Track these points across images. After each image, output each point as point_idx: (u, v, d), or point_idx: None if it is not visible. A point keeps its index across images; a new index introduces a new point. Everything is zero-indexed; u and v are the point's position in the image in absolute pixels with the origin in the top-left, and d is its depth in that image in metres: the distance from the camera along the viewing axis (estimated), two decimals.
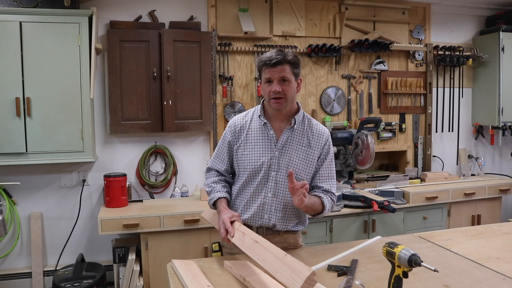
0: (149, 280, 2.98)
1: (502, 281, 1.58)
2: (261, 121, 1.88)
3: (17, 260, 3.29)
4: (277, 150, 1.86)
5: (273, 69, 1.77)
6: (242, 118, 1.95)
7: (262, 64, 1.81)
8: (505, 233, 2.18)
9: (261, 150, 1.86)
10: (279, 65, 1.76)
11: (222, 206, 1.86)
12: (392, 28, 4.03)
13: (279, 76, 1.77)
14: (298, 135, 1.88)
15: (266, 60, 1.78)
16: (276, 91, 1.77)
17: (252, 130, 1.90)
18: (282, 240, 1.94)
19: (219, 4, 3.54)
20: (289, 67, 1.78)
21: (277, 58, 1.75)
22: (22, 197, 3.27)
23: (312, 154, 1.89)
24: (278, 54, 1.77)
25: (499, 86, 4.13)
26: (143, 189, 3.50)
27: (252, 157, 1.87)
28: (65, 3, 2.99)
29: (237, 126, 1.93)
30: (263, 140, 1.87)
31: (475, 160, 4.37)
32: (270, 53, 1.79)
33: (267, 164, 1.85)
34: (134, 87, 3.27)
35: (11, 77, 2.89)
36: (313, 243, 3.11)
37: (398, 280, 1.34)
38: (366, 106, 4.05)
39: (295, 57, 1.80)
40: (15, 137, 2.92)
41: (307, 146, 1.88)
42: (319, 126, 1.95)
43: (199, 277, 1.60)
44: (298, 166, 1.86)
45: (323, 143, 1.91)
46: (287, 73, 1.78)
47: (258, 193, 1.87)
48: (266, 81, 1.81)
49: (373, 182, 3.85)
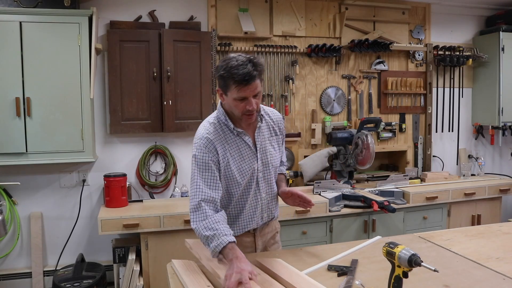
0: (149, 280, 2.98)
1: (502, 281, 1.58)
2: (234, 132, 1.77)
3: (17, 260, 3.29)
4: (259, 152, 1.82)
5: (247, 87, 1.61)
6: (214, 133, 1.74)
7: (233, 82, 1.61)
8: (505, 233, 2.18)
9: (247, 159, 1.79)
10: (252, 81, 1.61)
11: (239, 252, 1.56)
12: (392, 28, 4.03)
13: (254, 93, 1.65)
14: (265, 129, 1.88)
15: (238, 79, 1.59)
16: (253, 109, 1.67)
17: (230, 143, 1.76)
18: (271, 229, 2.01)
19: (219, 4, 3.54)
20: (259, 79, 1.65)
21: (254, 76, 1.60)
22: (22, 197, 3.27)
23: (279, 139, 1.95)
24: (251, 67, 1.60)
25: (499, 86, 4.13)
26: (143, 189, 3.50)
27: (243, 169, 1.77)
28: (65, 3, 2.99)
29: (213, 142, 1.73)
30: (244, 148, 1.79)
31: (475, 160, 4.37)
32: (241, 68, 1.59)
33: (256, 170, 1.81)
34: (134, 87, 3.27)
35: (11, 77, 2.89)
36: (313, 243, 3.11)
37: (398, 280, 1.34)
38: (366, 106, 4.05)
39: (262, 66, 1.66)
40: (15, 137, 2.92)
41: (275, 135, 1.91)
42: (273, 111, 1.96)
43: (199, 277, 1.60)
44: (276, 156, 1.91)
45: (281, 125, 1.95)
46: (259, 86, 1.66)
47: (255, 200, 1.85)
48: (239, 98, 1.65)
49: (373, 182, 3.85)
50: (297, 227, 3.16)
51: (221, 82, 1.69)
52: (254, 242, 1.93)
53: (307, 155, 3.80)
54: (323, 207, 3.18)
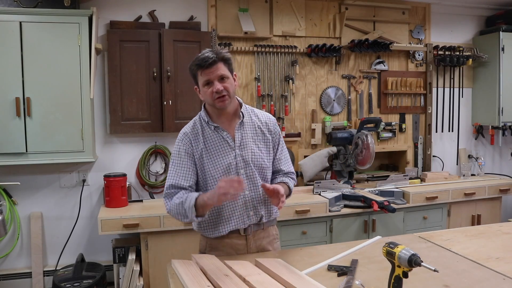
0: (149, 280, 2.99)
1: (502, 281, 1.58)
2: (210, 126, 1.85)
3: (17, 260, 3.29)
4: (237, 148, 1.85)
5: (209, 70, 1.75)
6: (191, 128, 1.87)
7: (197, 67, 1.77)
8: (505, 233, 2.18)
9: (223, 153, 1.84)
10: (214, 64, 1.74)
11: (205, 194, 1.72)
12: (392, 28, 4.04)
13: (218, 75, 1.76)
14: (249, 127, 1.90)
15: (200, 63, 1.74)
16: (219, 90, 1.75)
17: (206, 137, 1.85)
18: (266, 234, 1.97)
19: (219, 4, 3.54)
20: (223, 64, 1.77)
21: (212, 58, 1.73)
22: (22, 197, 3.27)
23: (268, 140, 1.94)
24: (211, 53, 1.75)
25: (499, 86, 4.13)
26: (143, 189, 3.50)
27: (217, 163, 1.83)
28: (65, 3, 2.99)
29: (189, 136, 1.85)
30: (220, 143, 1.85)
31: (475, 160, 4.37)
32: (202, 55, 1.76)
33: (233, 164, 1.84)
34: (134, 87, 3.27)
35: (11, 77, 2.89)
36: (313, 243, 3.11)
37: (398, 280, 1.34)
38: (366, 106, 4.05)
39: (227, 53, 1.80)
40: (15, 137, 2.92)
41: (262, 134, 1.93)
42: (263, 113, 2.00)
43: (199, 277, 1.60)
44: (261, 155, 1.90)
45: (272, 127, 1.96)
46: (224, 70, 1.78)
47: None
48: (205, 83, 1.78)
49: (373, 182, 3.85)
50: (297, 227, 3.16)
51: (192, 77, 1.84)
52: (246, 245, 1.91)
53: (307, 155, 3.80)
54: (323, 207, 3.18)
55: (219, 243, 1.89)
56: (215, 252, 1.89)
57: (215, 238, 1.89)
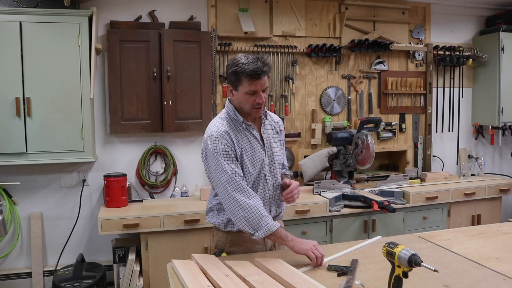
0: (149, 280, 2.99)
1: (502, 281, 1.58)
2: (243, 125, 1.90)
3: (17, 260, 3.29)
4: (266, 146, 1.94)
5: (258, 81, 1.78)
6: (227, 127, 1.88)
7: (246, 76, 1.77)
8: (505, 233, 2.18)
9: (257, 151, 1.91)
10: (264, 76, 1.79)
11: (289, 233, 1.83)
12: (392, 28, 4.03)
13: (263, 87, 1.81)
14: (269, 126, 2.00)
15: (251, 74, 1.76)
16: (263, 102, 1.83)
17: (242, 136, 1.90)
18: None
19: (219, 4, 3.54)
20: (267, 76, 1.82)
21: (264, 71, 1.77)
22: (22, 197, 3.27)
23: (281, 139, 2.08)
24: (262, 64, 1.77)
25: (499, 86, 4.13)
26: (143, 189, 3.50)
27: (254, 160, 1.90)
28: (65, 3, 2.99)
29: (230, 134, 1.86)
30: (254, 141, 1.91)
31: (475, 160, 4.37)
32: (253, 64, 1.76)
33: (266, 162, 1.94)
34: (134, 87, 3.27)
35: (11, 77, 2.89)
36: None
37: (398, 280, 1.34)
38: (366, 106, 4.05)
39: (269, 64, 1.84)
40: (15, 137, 2.92)
41: (277, 133, 2.04)
42: (273, 114, 2.11)
43: (199, 277, 1.60)
44: (279, 153, 2.01)
45: (282, 127, 2.09)
46: (268, 82, 1.84)
47: (263, 192, 1.95)
48: (250, 93, 1.80)
49: (373, 182, 3.86)
50: (297, 227, 3.16)
51: (232, 78, 1.83)
52: (263, 240, 1.97)
53: (307, 155, 3.80)
54: (323, 207, 3.19)
55: (240, 237, 1.94)
56: (235, 247, 1.95)
57: (237, 231, 1.93)
